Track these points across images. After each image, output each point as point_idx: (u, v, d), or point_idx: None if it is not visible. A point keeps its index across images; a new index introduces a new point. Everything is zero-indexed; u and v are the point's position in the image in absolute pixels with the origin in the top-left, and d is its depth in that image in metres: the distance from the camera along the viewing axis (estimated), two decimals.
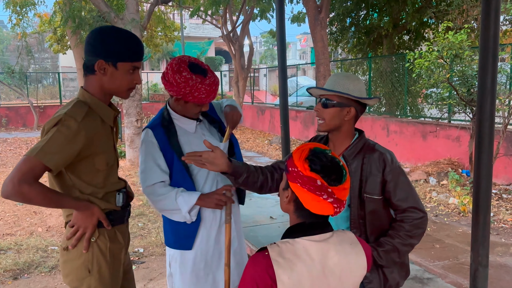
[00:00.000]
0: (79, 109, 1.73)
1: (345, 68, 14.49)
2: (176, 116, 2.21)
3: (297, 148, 1.49)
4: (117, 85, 1.80)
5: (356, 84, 1.91)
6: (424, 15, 12.27)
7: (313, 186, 1.37)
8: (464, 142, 8.30)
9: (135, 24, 8.81)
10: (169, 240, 2.30)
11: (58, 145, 1.64)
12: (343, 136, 1.96)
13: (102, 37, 1.76)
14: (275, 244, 1.41)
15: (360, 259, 1.45)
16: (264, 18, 15.44)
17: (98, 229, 1.82)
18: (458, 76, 6.36)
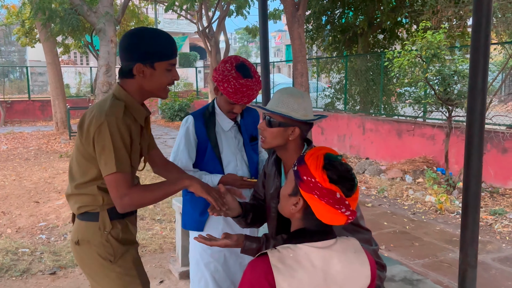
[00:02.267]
0: (117, 108, 1.75)
1: (320, 66, 14.55)
2: (218, 112, 2.40)
3: (310, 154, 1.40)
4: (157, 85, 1.82)
5: (301, 103, 1.82)
6: (398, 15, 12.44)
7: (332, 199, 1.31)
8: (439, 140, 8.44)
9: (109, 18, 8.57)
10: (185, 222, 2.51)
11: (120, 147, 1.71)
12: (290, 153, 1.89)
13: (136, 40, 1.78)
14: (276, 249, 1.35)
15: (364, 268, 1.39)
16: (240, 14, 15.32)
17: (111, 222, 1.83)
18: (435, 76, 6.43)
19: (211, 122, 2.37)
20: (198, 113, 2.42)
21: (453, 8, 9.08)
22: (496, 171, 7.24)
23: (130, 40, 1.78)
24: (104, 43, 8.66)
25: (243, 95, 2.22)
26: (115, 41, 8.75)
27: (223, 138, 2.40)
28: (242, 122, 2.49)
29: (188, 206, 2.49)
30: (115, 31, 8.82)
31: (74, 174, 1.85)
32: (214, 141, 2.36)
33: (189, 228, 2.51)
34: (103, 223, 1.82)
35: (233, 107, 2.32)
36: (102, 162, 1.70)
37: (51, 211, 6.00)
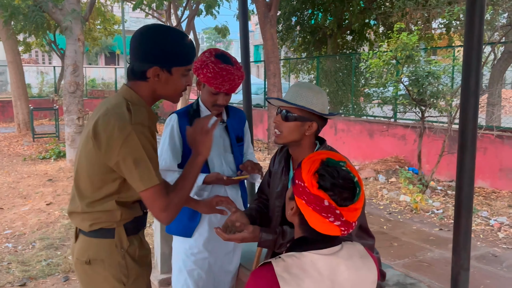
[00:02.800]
0: (141, 115, 1.56)
1: (290, 66, 14.58)
2: (203, 109, 2.31)
3: (308, 157, 1.33)
4: (171, 91, 1.65)
5: (320, 98, 1.79)
6: (367, 17, 12.62)
7: (319, 206, 1.23)
8: (410, 140, 8.59)
9: (76, 15, 8.25)
10: (170, 226, 2.36)
11: (155, 157, 1.58)
12: (304, 150, 1.85)
13: (157, 40, 1.58)
14: (280, 258, 1.27)
15: (371, 273, 1.34)
16: (210, 14, 15.16)
17: (128, 237, 1.66)
18: (408, 77, 6.52)
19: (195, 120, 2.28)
20: (182, 111, 2.33)
21: (421, 10, 9.27)
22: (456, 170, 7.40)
23: (148, 39, 1.58)
24: (71, 42, 8.32)
25: (223, 80, 2.13)
26: (82, 39, 8.43)
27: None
28: (229, 121, 2.40)
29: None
30: (82, 29, 8.50)
31: (83, 191, 1.63)
32: None
33: (175, 233, 2.38)
34: (119, 240, 1.64)
35: (216, 99, 2.22)
36: (135, 176, 1.51)
37: (17, 217, 5.70)
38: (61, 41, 19.95)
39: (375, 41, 14.17)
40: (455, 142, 7.64)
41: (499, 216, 5.91)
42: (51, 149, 10.22)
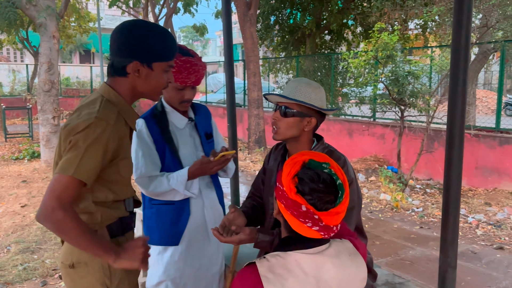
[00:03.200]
0: (110, 112, 1.52)
1: (270, 66, 14.58)
2: (169, 109, 2.21)
3: (291, 158, 1.30)
4: (151, 87, 1.61)
5: (318, 93, 1.78)
6: (345, 17, 12.72)
7: (297, 211, 1.22)
8: (389, 139, 8.69)
9: (51, 12, 8.03)
10: (152, 236, 2.21)
11: (94, 156, 1.45)
12: (302, 146, 1.84)
13: (137, 35, 1.54)
14: (265, 258, 1.26)
15: (360, 271, 1.32)
16: (188, 12, 15.03)
17: (112, 239, 1.60)
18: (388, 76, 6.58)
19: (164, 122, 2.18)
20: (147, 114, 2.21)
21: (399, 11, 9.39)
22: (443, 168, 7.53)
23: (129, 33, 1.54)
24: (46, 39, 8.09)
25: (188, 73, 2.06)
26: (57, 36, 8.21)
27: (178, 138, 2.21)
28: (197, 118, 2.30)
29: (153, 219, 2.23)
30: (57, 26, 8.28)
31: None
32: (171, 142, 2.17)
33: (160, 243, 2.22)
34: None
35: (183, 94, 2.13)
36: (64, 158, 1.44)
37: None
38: (34, 38, 19.45)
39: (353, 41, 14.32)
40: (433, 141, 7.83)
41: (476, 213, 6.03)
42: (25, 149, 9.93)
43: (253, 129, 10.80)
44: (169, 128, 2.18)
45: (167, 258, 2.21)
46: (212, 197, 2.30)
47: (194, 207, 2.22)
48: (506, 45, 7.20)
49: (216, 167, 2.09)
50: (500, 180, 7.07)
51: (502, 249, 4.88)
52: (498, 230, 5.42)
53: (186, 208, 2.19)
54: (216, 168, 2.10)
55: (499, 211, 6.06)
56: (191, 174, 2.08)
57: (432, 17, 7.34)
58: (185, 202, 2.19)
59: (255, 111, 10.69)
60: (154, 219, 2.23)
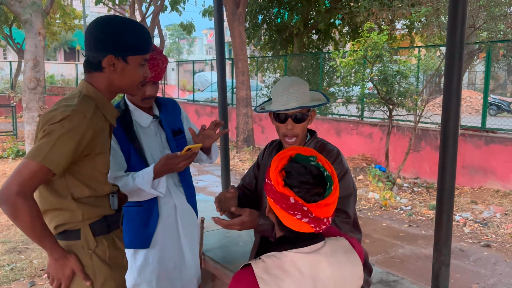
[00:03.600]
0: (87, 105, 1.53)
1: (257, 65, 14.57)
2: (132, 107, 2.12)
3: (278, 154, 1.30)
4: (128, 81, 1.62)
5: (307, 86, 1.85)
6: (332, 16, 12.78)
7: (285, 204, 1.21)
8: (376, 138, 8.76)
9: (36, 8, 7.88)
10: (123, 239, 2.11)
11: (67, 147, 1.45)
12: (298, 142, 1.86)
13: (110, 29, 1.57)
14: (260, 259, 1.25)
15: (356, 269, 1.31)
16: (175, 10, 14.94)
17: (95, 238, 1.60)
18: (377, 76, 6.63)
19: (127, 121, 2.10)
20: None
21: (387, 11, 9.47)
22: (430, 167, 7.65)
23: (102, 28, 1.56)
24: (31, 36, 7.95)
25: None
26: (43, 33, 8.08)
27: (144, 137, 2.13)
28: (162, 115, 2.21)
29: (123, 222, 2.14)
30: (43, 23, 8.14)
31: (41, 192, 1.58)
32: (135, 142, 2.10)
33: (131, 246, 2.15)
34: (86, 241, 1.59)
35: (144, 91, 2.05)
36: (35, 145, 1.44)
37: None
38: (18, 35, 19.12)
39: (340, 41, 14.40)
40: (421, 140, 7.90)
41: (463, 211, 6.11)
42: (9, 147, 9.76)
43: (241, 128, 10.78)
44: (133, 128, 2.11)
45: (141, 260, 2.16)
46: (181, 197, 2.23)
47: (164, 208, 2.16)
48: (491, 46, 7.31)
49: (183, 163, 1.99)
50: (485, 179, 7.18)
51: (489, 246, 4.95)
52: (485, 228, 5.50)
53: (155, 209, 2.14)
54: (183, 163, 2.00)
55: (485, 209, 6.15)
56: (157, 171, 1.99)
57: (420, 18, 7.40)
58: (153, 203, 2.13)
59: (244, 110, 10.68)
60: (124, 221, 2.12)
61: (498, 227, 5.52)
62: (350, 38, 13.73)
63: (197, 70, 28.10)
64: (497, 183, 7.02)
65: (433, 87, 7.61)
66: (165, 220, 2.17)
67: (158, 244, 2.16)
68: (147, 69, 1.67)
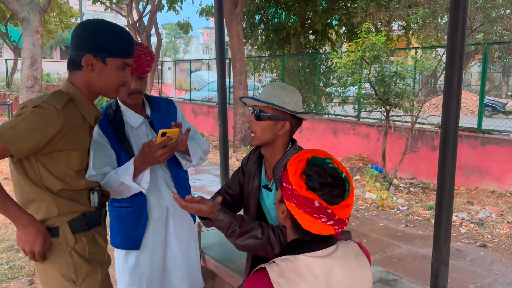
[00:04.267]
0: (59, 97, 1.57)
1: (254, 65, 14.58)
2: (123, 108, 2.10)
3: (293, 157, 1.31)
4: (105, 82, 1.65)
5: (292, 97, 1.79)
6: (330, 17, 12.81)
7: (310, 208, 1.22)
8: (373, 139, 8.80)
9: (34, 6, 7.88)
10: (115, 240, 2.18)
11: (28, 129, 1.47)
12: (276, 151, 1.84)
13: (91, 30, 1.62)
14: (275, 263, 1.25)
15: (365, 272, 1.33)
16: (173, 9, 14.94)
17: (74, 235, 1.62)
18: (375, 77, 6.66)
19: (117, 121, 2.07)
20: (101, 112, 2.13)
21: (385, 12, 9.50)
22: (427, 167, 7.69)
23: (84, 28, 1.62)
24: (29, 34, 7.93)
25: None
26: (41, 31, 8.06)
27: (134, 137, 2.09)
28: (153, 116, 2.16)
29: (115, 222, 2.17)
30: (40, 21, 8.12)
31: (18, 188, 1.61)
32: (125, 142, 2.06)
33: (122, 247, 2.16)
34: (64, 238, 1.61)
35: (129, 85, 1.99)
36: (2, 123, 1.48)
37: None
38: (14, 33, 19.03)
39: (337, 41, 14.44)
40: (417, 141, 7.94)
41: (459, 212, 6.15)
42: None
43: (238, 127, 10.80)
44: (124, 128, 2.08)
45: (132, 262, 2.15)
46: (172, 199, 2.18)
47: (155, 210, 2.13)
48: (488, 47, 7.36)
49: (160, 151, 1.88)
50: (481, 179, 7.23)
51: (485, 246, 4.99)
52: (481, 228, 5.54)
53: (144, 211, 2.11)
54: (161, 152, 1.88)
55: (481, 210, 6.20)
56: (137, 162, 1.91)
57: (418, 19, 7.44)
58: (143, 205, 2.10)
59: (241, 110, 10.69)
60: (115, 222, 2.16)
61: (494, 227, 5.57)
62: (347, 38, 13.77)
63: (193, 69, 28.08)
64: (493, 184, 7.08)
65: (430, 88, 7.65)
66: (156, 223, 2.14)
67: (148, 246, 2.15)
68: (128, 73, 1.70)
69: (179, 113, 2.30)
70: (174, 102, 2.34)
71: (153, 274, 2.17)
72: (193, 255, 2.33)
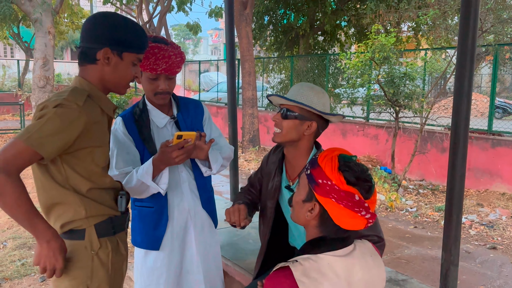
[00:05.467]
0: (79, 94, 1.53)
1: (263, 65, 14.61)
2: (150, 107, 2.09)
3: (323, 155, 1.32)
4: (119, 77, 1.63)
5: (321, 98, 1.79)
6: (339, 18, 12.81)
7: (351, 202, 1.24)
8: (382, 140, 8.78)
9: (47, 7, 7.98)
10: (136, 238, 2.18)
11: (55, 130, 1.43)
12: (300, 153, 1.83)
13: (110, 23, 1.59)
14: (298, 262, 1.26)
15: (381, 271, 1.36)
16: (182, 10, 15.03)
17: (99, 239, 1.58)
18: (384, 78, 6.66)
19: (143, 120, 2.06)
20: (127, 112, 2.10)
21: (394, 13, 9.48)
22: (436, 169, 7.66)
23: (102, 21, 1.59)
24: (41, 35, 8.03)
25: (156, 59, 1.91)
26: (53, 32, 8.16)
27: (158, 137, 2.08)
28: (179, 116, 2.14)
29: (136, 221, 2.17)
30: (52, 22, 8.22)
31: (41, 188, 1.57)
32: (149, 142, 2.05)
33: (142, 246, 2.16)
34: (90, 241, 1.57)
35: (157, 85, 1.98)
36: (26, 127, 1.45)
37: None
38: (25, 34, 19.26)
39: (346, 42, 14.42)
40: (426, 142, 7.91)
41: (469, 214, 6.12)
42: None
43: (247, 128, 10.83)
44: (149, 127, 2.07)
45: (150, 263, 2.15)
46: (195, 202, 2.17)
47: (176, 212, 2.13)
48: (499, 48, 7.32)
49: (175, 153, 1.87)
50: (492, 181, 7.18)
51: (495, 249, 4.97)
52: (491, 230, 5.52)
53: (165, 212, 2.11)
54: (176, 154, 1.87)
55: (491, 212, 6.16)
56: (155, 161, 1.92)
57: (428, 20, 7.42)
58: (164, 205, 2.10)
59: (250, 110, 10.72)
60: (137, 221, 2.17)
61: (504, 229, 5.53)
62: (356, 39, 13.76)
63: (202, 70, 28.21)
64: (503, 186, 7.03)
65: (440, 89, 7.62)
66: (176, 225, 2.14)
67: (167, 248, 2.14)
68: (138, 69, 1.69)
69: (206, 115, 2.27)
70: (202, 103, 2.30)
71: (171, 276, 2.15)
72: (212, 260, 2.29)
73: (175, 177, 2.10)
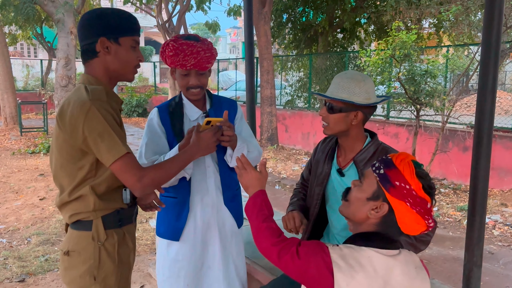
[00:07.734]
0: (99, 92, 1.58)
1: (280, 64, 14.57)
2: (186, 101, 2.18)
3: (399, 158, 1.31)
4: (122, 63, 1.66)
5: (362, 86, 1.80)
6: (358, 15, 12.68)
7: (423, 209, 1.25)
8: (402, 138, 8.66)
9: (69, 8, 8.11)
10: (159, 229, 2.26)
11: (120, 130, 1.58)
12: (353, 140, 1.89)
13: (96, 15, 1.64)
14: (338, 246, 1.28)
15: (425, 285, 1.33)
16: (201, 9, 15.08)
17: (106, 231, 1.64)
18: (405, 75, 6.57)
19: (177, 113, 2.15)
20: (164, 104, 2.21)
21: (415, 10, 9.34)
22: (458, 168, 7.52)
23: (90, 16, 1.64)
24: (63, 35, 8.18)
25: (185, 55, 1.97)
26: (75, 32, 8.29)
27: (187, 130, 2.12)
28: (211, 111, 2.20)
29: (162, 212, 2.22)
30: (74, 22, 8.36)
31: (62, 182, 1.63)
32: (180, 134, 2.11)
33: (164, 237, 2.21)
34: (96, 232, 1.62)
35: (188, 80, 2.05)
36: (103, 149, 1.51)
37: (10, 212, 5.58)
38: (48, 33, 19.62)
39: (365, 40, 14.27)
40: (448, 141, 7.78)
41: (492, 214, 6.00)
42: (41, 143, 10.04)
43: (265, 126, 10.82)
44: (182, 121, 2.15)
45: (173, 255, 2.19)
46: (218, 198, 2.20)
47: (199, 204, 2.17)
48: None
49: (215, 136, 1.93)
50: None
51: None
52: None
53: (187, 203, 2.15)
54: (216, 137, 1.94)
55: None
56: (182, 147, 1.99)
57: (450, 16, 7.29)
58: (186, 196, 2.15)
59: (268, 109, 10.71)
60: (163, 212, 2.22)
61: None
62: (375, 37, 13.60)
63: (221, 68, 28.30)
64: None
65: (462, 87, 7.48)
66: (199, 219, 2.17)
67: (189, 240, 2.17)
68: (139, 53, 1.72)
69: (239, 114, 2.30)
70: (236, 102, 2.35)
71: (191, 269, 2.18)
72: (232, 260, 2.28)
73: (201, 171, 2.15)
